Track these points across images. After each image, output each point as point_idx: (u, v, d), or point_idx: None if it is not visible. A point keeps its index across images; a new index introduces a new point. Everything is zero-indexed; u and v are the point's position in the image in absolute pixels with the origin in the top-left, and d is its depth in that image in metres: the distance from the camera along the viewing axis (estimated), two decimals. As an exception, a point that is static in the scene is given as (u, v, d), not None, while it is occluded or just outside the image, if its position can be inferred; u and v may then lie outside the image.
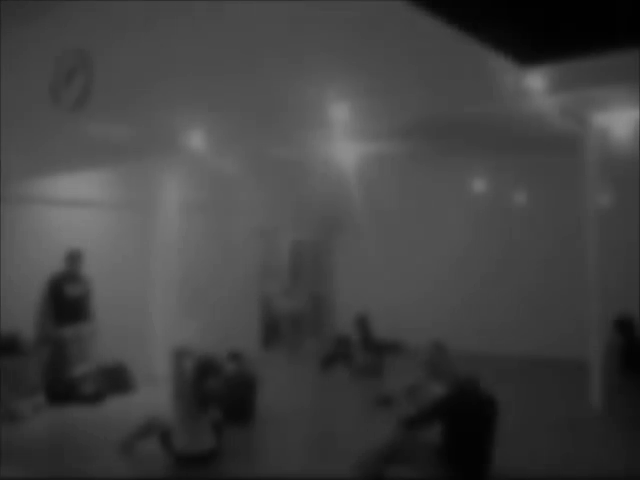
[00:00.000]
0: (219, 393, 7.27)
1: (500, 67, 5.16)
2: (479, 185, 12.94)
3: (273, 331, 13.92)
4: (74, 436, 8.05)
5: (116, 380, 9.86)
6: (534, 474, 6.25)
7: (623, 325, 9.90)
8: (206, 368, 6.90)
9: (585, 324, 8.39)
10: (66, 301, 9.47)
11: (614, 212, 10.08)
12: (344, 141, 9.53)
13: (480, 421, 5.75)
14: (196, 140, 7.40)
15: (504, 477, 5.94)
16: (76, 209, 10.01)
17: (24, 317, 9.15)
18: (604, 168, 8.37)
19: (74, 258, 9.60)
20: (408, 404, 8.31)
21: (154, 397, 8.29)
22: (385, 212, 13.40)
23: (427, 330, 9.76)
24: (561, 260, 11.64)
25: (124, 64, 7.97)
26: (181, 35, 7.55)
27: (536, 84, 5.29)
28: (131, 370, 10.06)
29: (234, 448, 7.07)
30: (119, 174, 10.25)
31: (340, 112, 6.53)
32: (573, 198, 9.20)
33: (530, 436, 7.42)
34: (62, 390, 9.17)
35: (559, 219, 11.62)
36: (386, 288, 13.51)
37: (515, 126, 8.91)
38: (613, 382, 9.33)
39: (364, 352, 11.16)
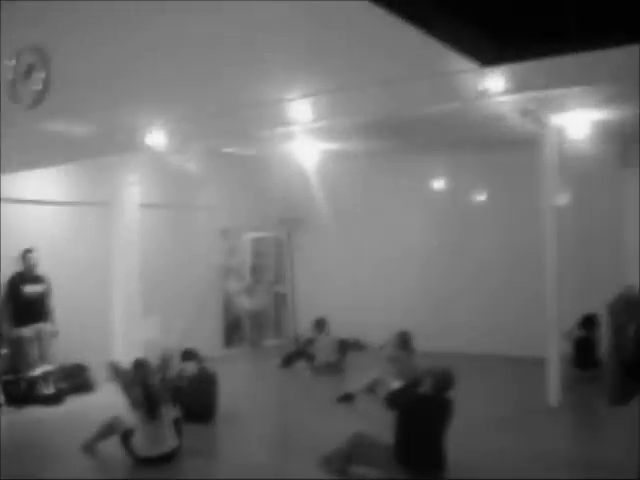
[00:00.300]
0: (176, 394, 7.22)
1: (460, 67, 5.21)
2: (439, 183, 13.04)
3: (235, 329, 13.89)
4: (34, 436, 7.97)
5: (76, 380, 9.77)
6: (487, 472, 6.25)
7: (588, 322, 10.10)
8: (144, 374, 6.84)
9: (544, 320, 8.49)
10: (24, 301, 9.36)
11: (571, 209, 10.25)
12: (305, 139, 9.56)
13: (431, 421, 5.82)
14: (157, 138, 7.36)
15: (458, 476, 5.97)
16: (35, 207, 9.87)
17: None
18: (561, 167, 8.50)
19: (26, 257, 9.49)
20: (369, 400, 8.38)
21: (114, 397, 8.21)
22: (346, 210, 13.43)
23: (388, 328, 9.79)
24: (521, 257, 11.75)
25: (82, 61, 7.90)
26: (141, 33, 7.51)
27: (495, 84, 5.35)
28: (91, 370, 9.96)
29: (195, 446, 7.06)
30: (79, 172, 10.13)
31: (301, 110, 6.56)
32: (532, 196, 9.31)
33: (485, 433, 7.47)
34: (21, 390, 9.07)
35: (518, 217, 11.73)
36: (348, 286, 13.54)
37: (475, 125, 9.00)
38: (570, 376, 9.50)
39: (325, 350, 11.21)
